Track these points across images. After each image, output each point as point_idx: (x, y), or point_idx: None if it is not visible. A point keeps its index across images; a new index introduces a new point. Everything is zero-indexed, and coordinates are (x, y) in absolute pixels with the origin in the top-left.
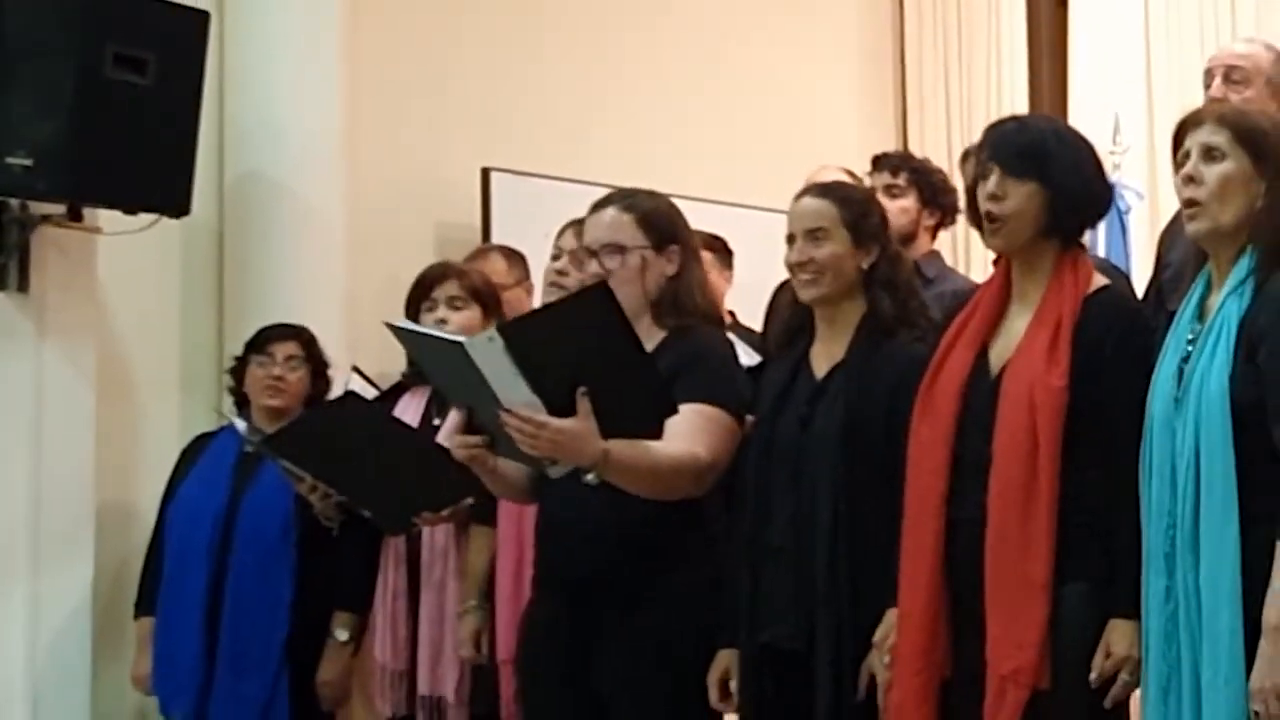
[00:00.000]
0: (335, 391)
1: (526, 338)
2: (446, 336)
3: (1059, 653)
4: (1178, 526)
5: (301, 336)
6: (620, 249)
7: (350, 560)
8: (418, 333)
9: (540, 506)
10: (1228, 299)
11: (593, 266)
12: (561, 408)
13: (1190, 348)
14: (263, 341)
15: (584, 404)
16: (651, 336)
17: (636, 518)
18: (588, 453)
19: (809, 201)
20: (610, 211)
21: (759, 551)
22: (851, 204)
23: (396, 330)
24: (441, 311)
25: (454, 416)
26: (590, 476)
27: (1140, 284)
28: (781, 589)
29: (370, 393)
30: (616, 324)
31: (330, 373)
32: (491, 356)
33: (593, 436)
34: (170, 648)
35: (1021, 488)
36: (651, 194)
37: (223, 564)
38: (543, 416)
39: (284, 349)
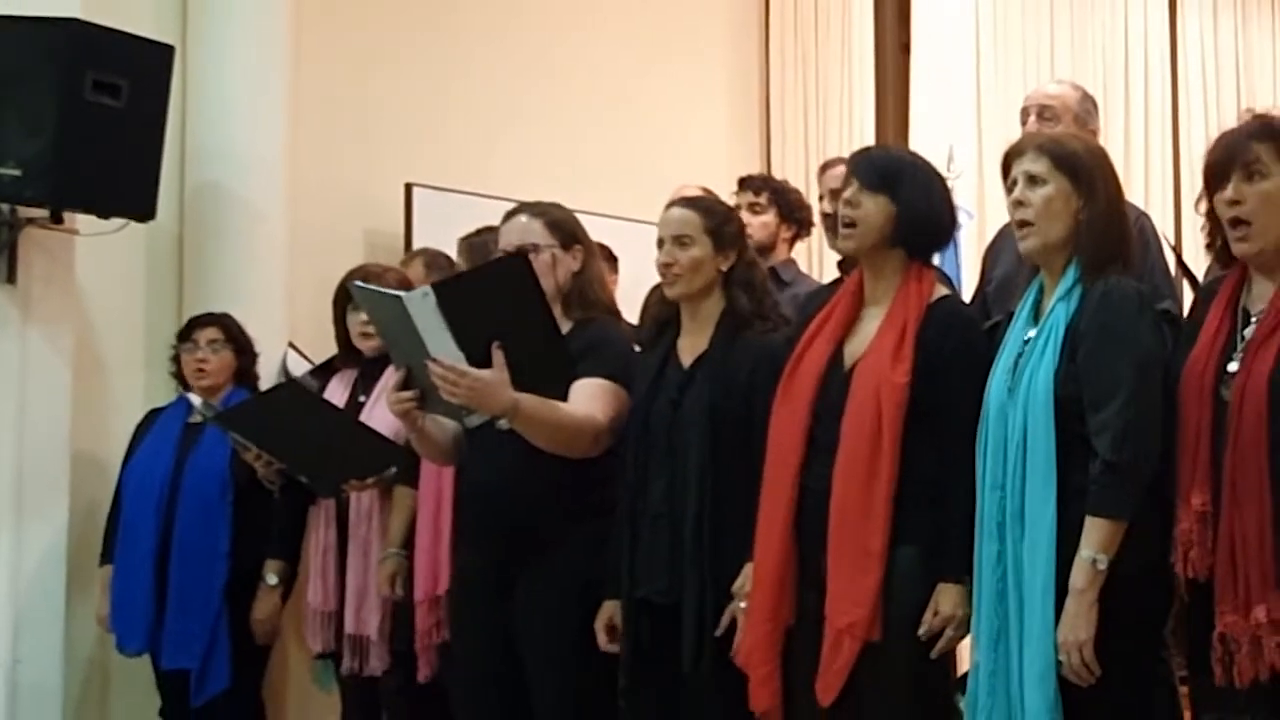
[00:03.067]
0: (271, 365)
1: (455, 295)
2: (390, 292)
3: (890, 609)
4: (1008, 499)
5: (221, 322)
6: (534, 247)
7: (281, 516)
8: (372, 291)
9: (463, 470)
10: (1058, 304)
11: None
12: (480, 362)
13: (1025, 346)
14: (188, 330)
15: (498, 356)
16: (561, 325)
17: (545, 478)
18: (500, 401)
19: (676, 211)
20: (522, 218)
21: (638, 516)
22: (713, 214)
23: (358, 289)
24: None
25: (395, 376)
26: (502, 423)
27: (967, 292)
28: (657, 549)
29: (304, 365)
30: (532, 290)
31: (259, 351)
32: (425, 311)
33: (505, 387)
34: (125, 592)
35: (864, 466)
36: (556, 205)
37: (170, 519)
38: (463, 366)
39: (206, 334)
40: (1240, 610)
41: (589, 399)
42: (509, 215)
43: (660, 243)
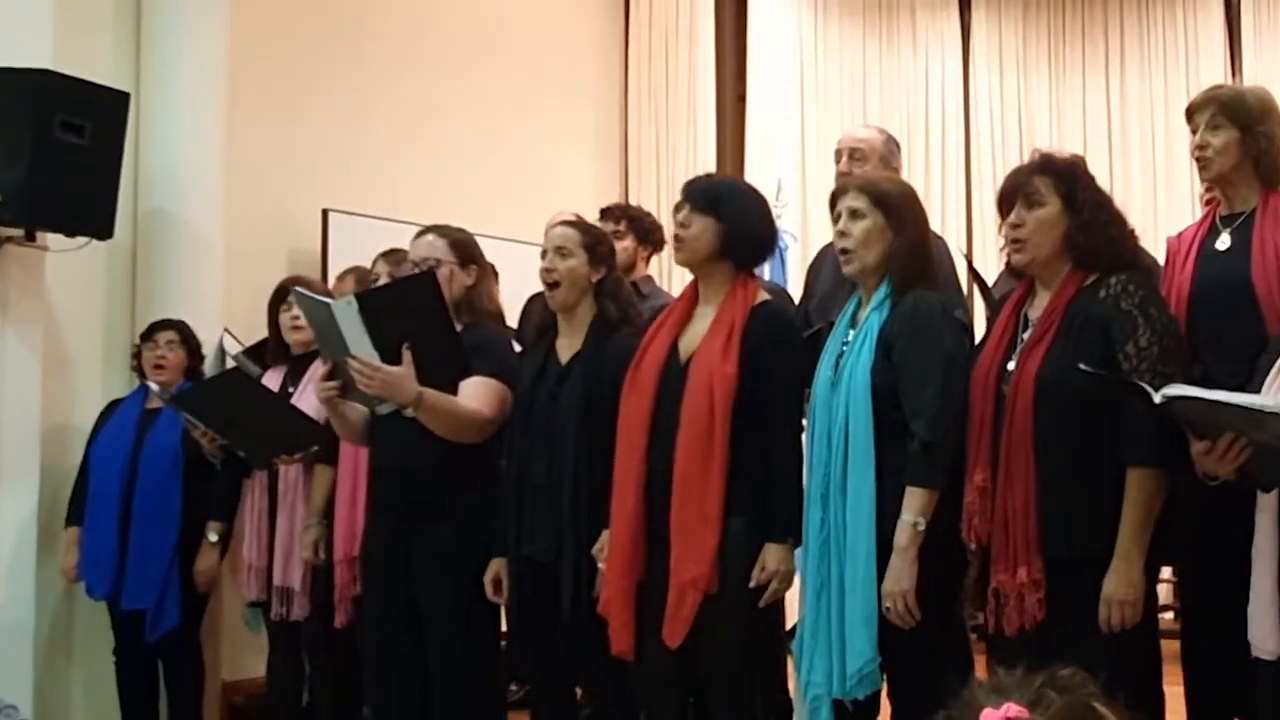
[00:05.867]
0: (209, 350)
1: (373, 303)
2: (322, 299)
3: (725, 567)
4: (831, 475)
5: (178, 327)
6: (437, 263)
7: (222, 484)
8: (308, 296)
9: (373, 450)
10: (872, 313)
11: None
12: (392, 360)
13: (845, 347)
14: (150, 332)
15: (406, 355)
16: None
17: (441, 457)
18: (407, 393)
19: (560, 229)
20: (430, 236)
21: (522, 489)
22: (590, 234)
23: (297, 294)
24: (295, 309)
25: (322, 368)
26: (408, 411)
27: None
28: (538, 516)
29: (236, 347)
30: (436, 302)
31: (205, 349)
32: (348, 316)
33: (411, 381)
34: (94, 547)
35: (701, 445)
36: (460, 229)
37: (131, 487)
38: (377, 363)
39: (165, 336)
40: (1009, 570)
41: (477, 395)
42: (420, 234)
43: (544, 254)
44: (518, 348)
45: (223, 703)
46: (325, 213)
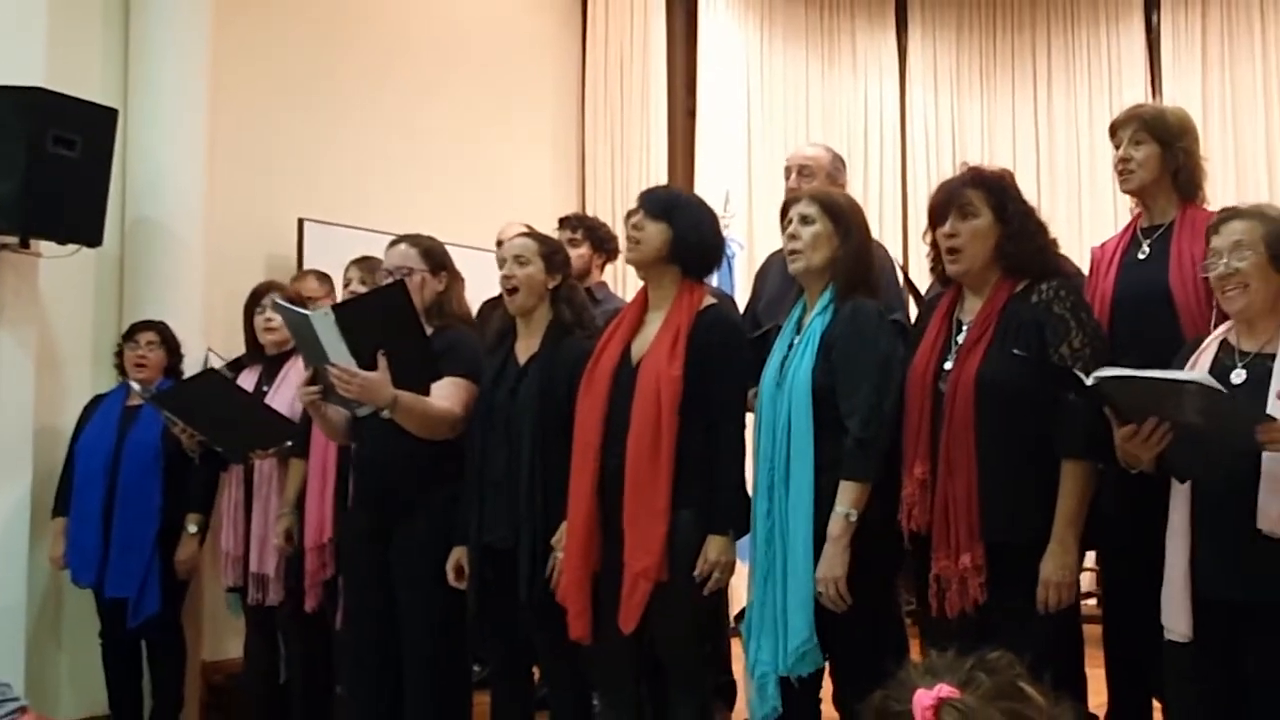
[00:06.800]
0: (193, 363)
1: (350, 314)
2: (302, 311)
3: (673, 557)
4: (775, 469)
5: (158, 328)
6: (408, 272)
7: (200, 478)
8: (290, 309)
9: (355, 447)
10: (815, 318)
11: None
12: (368, 366)
13: (790, 350)
14: (132, 333)
15: (382, 362)
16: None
17: (412, 454)
18: (384, 397)
19: (519, 239)
20: (403, 246)
21: (484, 481)
22: (547, 244)
23: (279, 307)
24: (268, 312)
25: (305, 374)
26: (385, 413)
27: (741, 306)
28: (499, 506)
29: (219, 363)
30: (408, 311)
31: (185, 352)
32: (326, 327)
33: (387, 386)
34: (80, 536)
35: (650, 444)
36: (431, 237)
37: (114, 480)
38: (355, 369)
39: (145, 336)
40: (951, 557)
41: (449, 395)
42: (393, 243)
43: (503, 262)
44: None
45: (203, 681)
46: (300, 221)
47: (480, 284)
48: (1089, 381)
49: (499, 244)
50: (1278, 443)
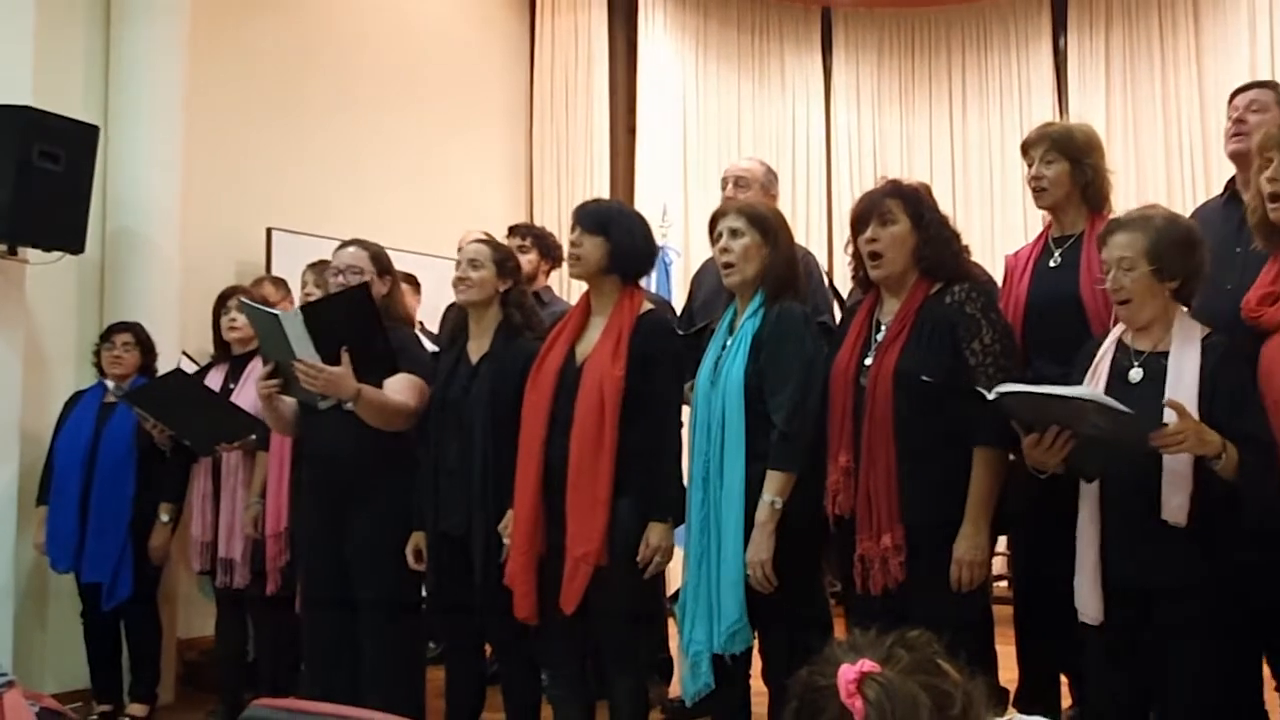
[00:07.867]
0: (168, 362)
1: (316, 313)
2: (272, 311)
3: (613, 543)
4: (710, 461)
5: (133, 329)
6: (359, 271)
7: (171, 470)
8: (256, 308)
9: (305, 439)
10: (747, 321)
11: (339, 279)
12: (332, 361)
13: (724, 351)
14: (109, 334)
15: (345, 358)
16: None
17: (366, 444)
18: (348, 389)
19: (473, 245)
20: (352, 249)
21: (438, 471)
22: (499, 250)
23: (246, 306)
24: (233, 314)
25: (264, 368)
26: (348, 405)
27: (678, 309)
28: (452, 495)
29: (192, 367)
30: (370, 310)
31: (159, 352)
32: (294, 325)
33: (350, 379)
34: (57, 525)
35: (592, 437)
36: (375, 243)
37: (90, 472)
38: (320, 365)
39: (121, 338)
40: (874, 538)
41: (403, 389)
42: (343, 245)
43: (458, 264)
44: (432, 348)
45: (178, 658)
46: (269, 231)
47: (436, 289)
48: (990, 396)
49: (459, 250)
50: (1170, 448)
